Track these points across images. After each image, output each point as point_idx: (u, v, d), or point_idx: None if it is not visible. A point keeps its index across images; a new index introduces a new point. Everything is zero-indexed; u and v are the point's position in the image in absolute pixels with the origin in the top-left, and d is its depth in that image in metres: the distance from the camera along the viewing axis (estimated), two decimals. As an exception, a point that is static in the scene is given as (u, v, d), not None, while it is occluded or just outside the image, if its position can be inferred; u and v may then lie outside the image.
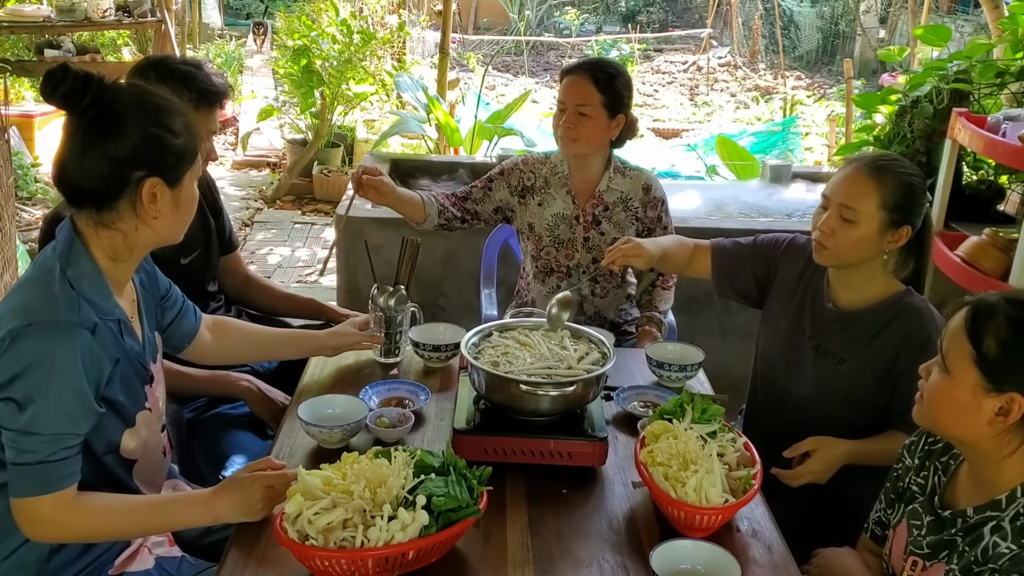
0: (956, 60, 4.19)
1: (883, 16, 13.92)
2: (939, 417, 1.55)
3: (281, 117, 7.46)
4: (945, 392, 1.51)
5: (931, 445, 1.71)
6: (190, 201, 1.72)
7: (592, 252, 2.85)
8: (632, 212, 2.85)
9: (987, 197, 4.17)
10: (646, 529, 1.74)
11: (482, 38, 14.83)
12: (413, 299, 2.39)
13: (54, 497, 1.54)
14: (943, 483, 1.64)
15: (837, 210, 2.07)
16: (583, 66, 2.77)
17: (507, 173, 2.90)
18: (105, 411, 1.62)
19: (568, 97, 2.72)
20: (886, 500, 1.79)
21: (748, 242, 2.44)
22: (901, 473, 1.75)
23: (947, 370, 1.51)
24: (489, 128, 6.30)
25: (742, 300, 2.46)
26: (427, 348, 2.33)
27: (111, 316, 1.65)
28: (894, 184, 2.06)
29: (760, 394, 2.37)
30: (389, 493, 1.54)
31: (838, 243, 2.08)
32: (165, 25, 7.30)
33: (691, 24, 16.80)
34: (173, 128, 1.63)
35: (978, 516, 1.51)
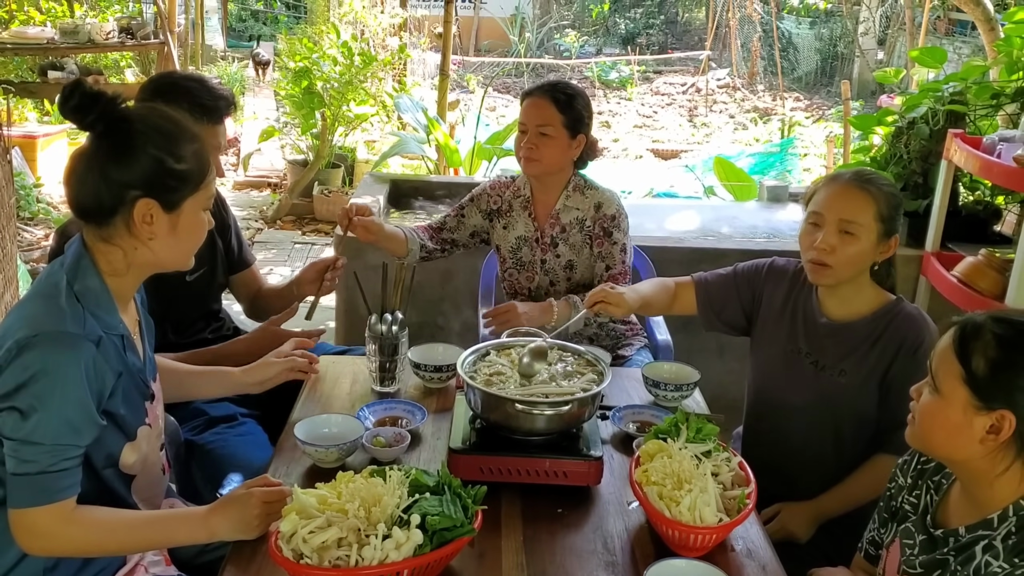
0: (952, 82, 4.22)
1: (881, 38, 14.00)
2: (931, 437, 1.56)
3: (282, 138, 7.50)
4: (936, 412, 1.52)
5: (924, 464, 1.71)
6: (192, 228, 1.71)
7: (548, 275, 2.86)
8: (586, 232, 2.84)
9: (983, 218, 4.19)
10: (641, 549, 1.74)
11: (482, 60, 14.93)
12: (411, 319, 2.40)
13: (52, 508, 1.55)
14: (935, 502, 1.64)
15: (836, 226, 2.09)
16: (543, 88, 2.79)
17: (476, 199, 2.95)
18: (106, 424, 1.63)
19: (529, 118, 2.75)
20: (879, 519, 1.80)
21: (728, 272, 2.44)
22: (894, 492, 1.75)
23: (937, 390, 1.51)
24: (488, 149, 6.33)
25: (731, 331, 2.46)
26: (428, 369, 2.33)
27: (115, 331, 1.67)
28: (883, 195, 2.10)
29: (759, 416, 2.37)
30: (384, 512, 1.54)
31: (838, 259, 2.09)
32: (168, 47, 7.36)
33: (690, 46, 16.90)
34: (177, 152, 1.64)
35: (970, 535, 1.52)
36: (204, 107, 2.32)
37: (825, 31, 14.99)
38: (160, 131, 1.65)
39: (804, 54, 15.25)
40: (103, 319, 1.64)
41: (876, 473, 2.09)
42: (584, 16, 18.46)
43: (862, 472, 2.16)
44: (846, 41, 14.32)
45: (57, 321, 1.56)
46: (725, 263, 3.05)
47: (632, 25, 18.08)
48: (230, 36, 14.33)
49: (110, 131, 1.61)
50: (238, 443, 2.37)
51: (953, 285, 3.54)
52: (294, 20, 14.93)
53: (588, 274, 2.87)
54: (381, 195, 4.76)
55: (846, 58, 14.57)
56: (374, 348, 2.29)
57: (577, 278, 2.87)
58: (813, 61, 15.21)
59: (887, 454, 2.11)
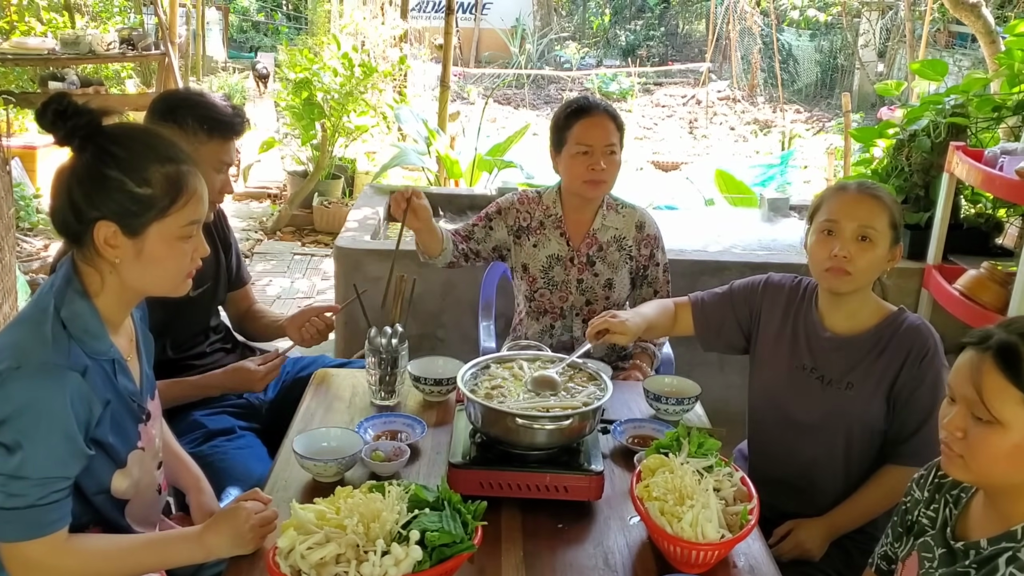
0: (953, 94, 4.22)
1: (881, 50, 14.02)
2: (993, 469, 1.48)
3: (282, 149, 7.50)
4: (998, 442, 1.44)
5: (941, 479, 1.69)
6: (162, 256, 1.63)
7: (585, 294, 2.83)
8: (626, 251, 2.84)
9: (985, 231, 4.18)
10: (642, 565, 1.72)
11: (483, 71, 14.97)
12: (411, 332, 2.38)
13: (45, 541, 1.53)
14: (955, 515, 1.63)
15: (854, 233, 2.08)
16: (599, 106, 2.73)
17: (504, 212, 2.87)
18: (94, 453, 1.61)
19: (595, 139, 2.66)
20: (893, 534, 1.78)
21: (725, 291, 2.43)
22: (910, 506, 1.73)
23: (996, 420, 1.44)
24: (489, 160, 6.33)
25: (730, 350, 2.45)
26: (428, 382, 2.32)
27: (104, 356, 1.64)
28: (891, 203, 2.12)
29: (766, 433, 2.35)
30: (383, 528, 1.53)
31: (858, 266, 2.08)
32: (169, 58, 7.37)
33: (690, 58, 16.93)
34: (143, 175, 1.58)
35: (992, 548, 1.50)
36: (215, 121, 2.29)
37: (825, 43, 15.02)
38: (129, 150, 1.59)
39: (804, 66, 15.28)
40: (90, 345, 1.60)
41: (887, 485, 2.09)
42: (585, 28, 18.53)
43: (873, 484, 2.15)
44: (846, 53, 14.35)
45: (41, 351, 1.53)
46: (726, 275, 3.04)
47: (632, 37, 18.13)
48: (231, 47, 14.36)
49: (83, 148, 1.58)
50: (237, 455, 2.36)
51: (955, 298, 3.53)
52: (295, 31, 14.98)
53: (625, 293, 2.88)
54: (381, 207, 4.75)
55: (846, 70, 14.60)
56: (374, 361, 2.28)
57: (615, 297, 2.85)
58: (813, 73, 15.23)
59: (897, 465, 2.11)
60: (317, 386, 2.43)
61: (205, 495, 1.99)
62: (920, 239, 4.04)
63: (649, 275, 2.87)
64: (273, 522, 1.67)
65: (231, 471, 2.30)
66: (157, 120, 2.27)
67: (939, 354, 2.10)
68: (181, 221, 1.62)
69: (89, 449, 1.59)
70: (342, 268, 4.00)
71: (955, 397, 1.50)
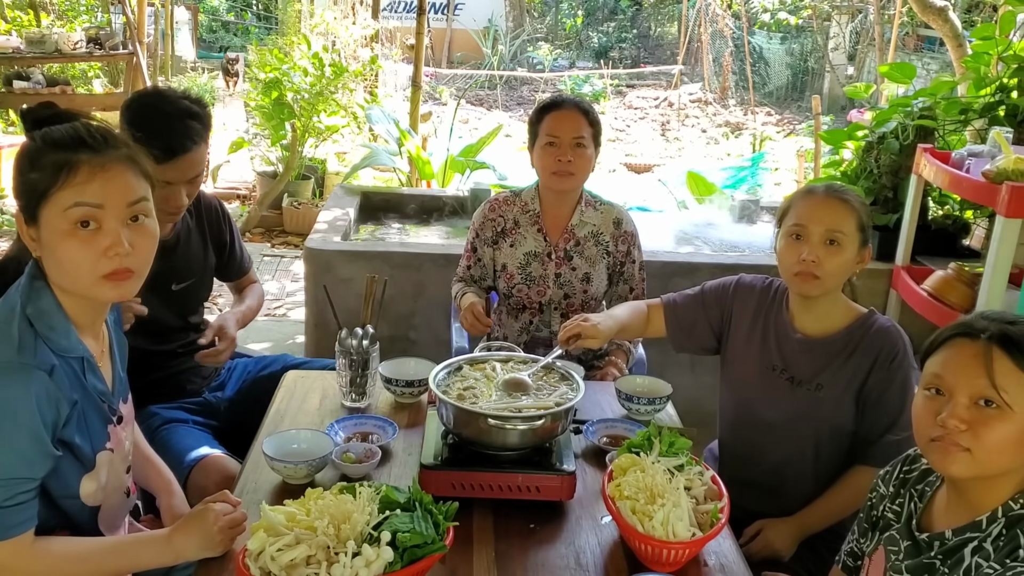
0: (921, 97, 4.26)
1: (851, 53, 14.17)
2: (1001, 458, 1.47)
3: (252, 149, 7.44)
4: (1011, 429, 1.44)
5: (907, 473, 1.71)
6: (57, 243, 1.55)
7: (564, 288, 2.85)
8: (603, 246, 2.86)
9: (953, 232, 4.23)
10: (614, 564, 1.72)
11: (455, 72, 14.94)
12: (382, 333, 2.37)
13: (9, 544, 1.50)
14: (920, 509, 1.64)
15: (822, 237, 2.09)
16: (568, 100, 2.79)
17: (480, 232, 2.91)
18: (62, 454, 1.58)
19: (563, 131, 2.71)
20: (859, 530, 1.79)
21: (696, 292, 2.44)
22: (875, 502, 1.75)
23: (1008, 406, 1.44)
24: (461, 161, 6.31)
25: (702, 351, 2.45)
26: (400, 384, 2.30)
27: (72, 354, 1.61)
28: (859, 206, 2.13)
29: (736, 434, 2.36)
30: (353, 529, 1.52)
31: (827, 270, 2.09)
32: (137, 58, 7.30)
33: (663, 60, 17.01)
34: (33, 162, 1.55)
35: (957, 538, 1.51)
36: (157, 148, 2.16)
37: (796, 46, 15.15)
38: (31, 144, 1.58)
39: (775, 69, 15.40)
40: (57, 342, 1.58)
41: (856, 486, 2.10)
42: (557, 29, 18.56)
43: (842, 485, 2.17)
44: (816, 56, 14.48)
45: (7, 350, 1.51)
46: (698, 276, 3.04)
47: (605, 39, 18.18)
48: (200, 47, 14.24)
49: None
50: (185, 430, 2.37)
51: (923, 299, 3.56)
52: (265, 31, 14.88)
53: (602, 287, 2.90)
54: (351, 207, 4.73)
55: (816, 73, 14.73)
56: (344, 363, 2.26)
57: (593, 291, 2.87)
58: (784, 76, 15.35)
59: (866, 466, 2.12)
60: (287, 388, 2.41)
61: (176, 498, 1.97)
62: (889, 240, 4.08)
63: (625, 272, 2.88)
64: (243, 524, 1.66)
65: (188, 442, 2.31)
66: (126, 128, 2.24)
67: (908, 356, 2.11)
68: (64, 202, 1.53)
69: (56, 450, 1.56)
70: (312, 269, 3.98)
71: (949, 390, 1.48)
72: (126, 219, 1.58)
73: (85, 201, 1.53)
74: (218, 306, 5.22)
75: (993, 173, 3.18)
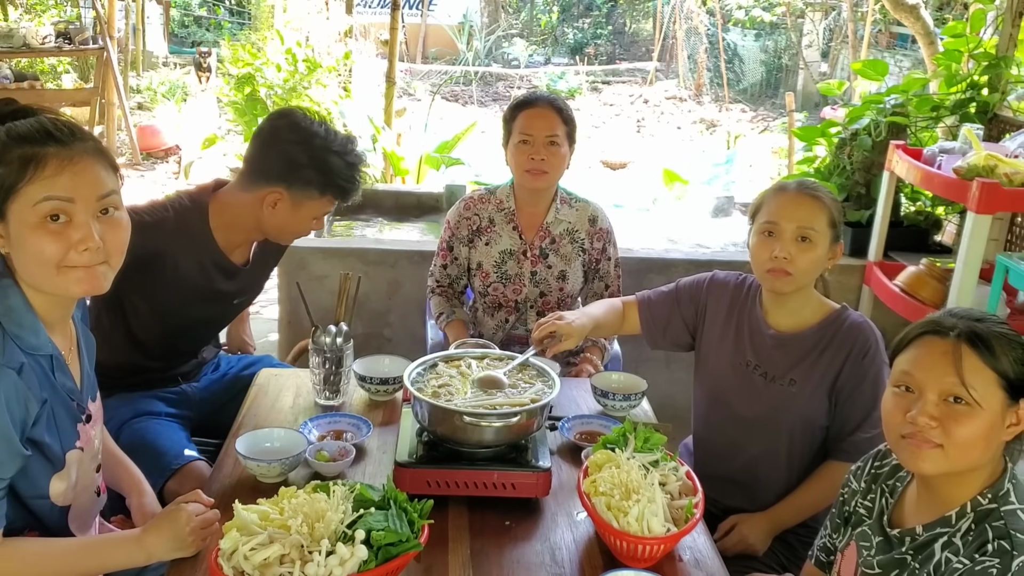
0: (893, 94, 4.30)
1: (825, 51, 14.26)
2: (971, 453, 1.49)
3: (225, 145, 7.38)
4: (982, 425, 1.47)
5: (877, 469, 1.72)
6: (23, 238, 1.52)
7: (539, 286, 2.84)
8: (579, 244, 2.86)
9: (924, 228, 4.27)
10: (589, 560, 1.72)
11: (430, 68, 14.90)
12: (357, 331, 2.36)
13: None
14: (891, 505, 1.65)
15: (793, 234, 2.10)
16: (542, 98, 2.77)
17: (455, 231, 2.89)
18: (31, 453, 1.56)
19: (536, 129, 2.69)
20: (832, 525, 1.80)
21: (671, 289, 2.45)
22: (847, 497, 1.76)
23: (977, 403, 1.46)
24: (436, 158, 6.30)
25: (676, 348, 2.47)
26: (374, 382, 2.29)
27: (41, 351, 1.59)
28: (830, 202, 2.13)
29: (710, 429, 2.37)
30: (327, 528, 1.51)
31: (799, 267, 2.10)
32: (107, 53, 7.22)
33: (638, 57, 17.04)
34: (3, 156, 1.51)
35: (927, 534, 1.53)
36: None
37: (770, 43, 15.22)
38: (8, 134, 1.53)
39: (749, 66, 15.46)
40: (26, 340, 1.56)
41: (828, 481, 2.12)
42: (533, 25, 18.55)
43: (815, 480, 2.18)
44: (790, 53, 14.55)
45: None
46: (673, 273, 3.06)
47: (580, 35, 18.18)
48: (172, 42, 14.10)
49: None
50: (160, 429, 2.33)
51: (895, 294, 3.59)
52: (238, 26, 14.77)
53: (578, 285, 2.89)
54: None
55: (790, 70, 14.80)
56: (318, 361, 2.25)
57: (569, 288, 2.87)
58: (758, 73, 15.42)
59: (838, 461, 2.13)
60: (260, 386, 2.39)
61: (146, 497, 1.94)
62: (861, 236, 4.11)
63: (601, 269, 2.88)
64: (215, 524, 1.64)
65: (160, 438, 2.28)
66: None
67: (880, 351, 2.13)
68: (33, 197, 1.50)
69: (26, 449, 1.54)
70: (285, 267, 3.95)
71: (919, 387, 1.50)
72: (96, 212, 1.55)
73: (55, 195, 1.51)
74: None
75: (964, 169, 3.21)
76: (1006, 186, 3.10)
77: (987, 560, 1.41)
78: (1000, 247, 3.97)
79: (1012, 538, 1.41)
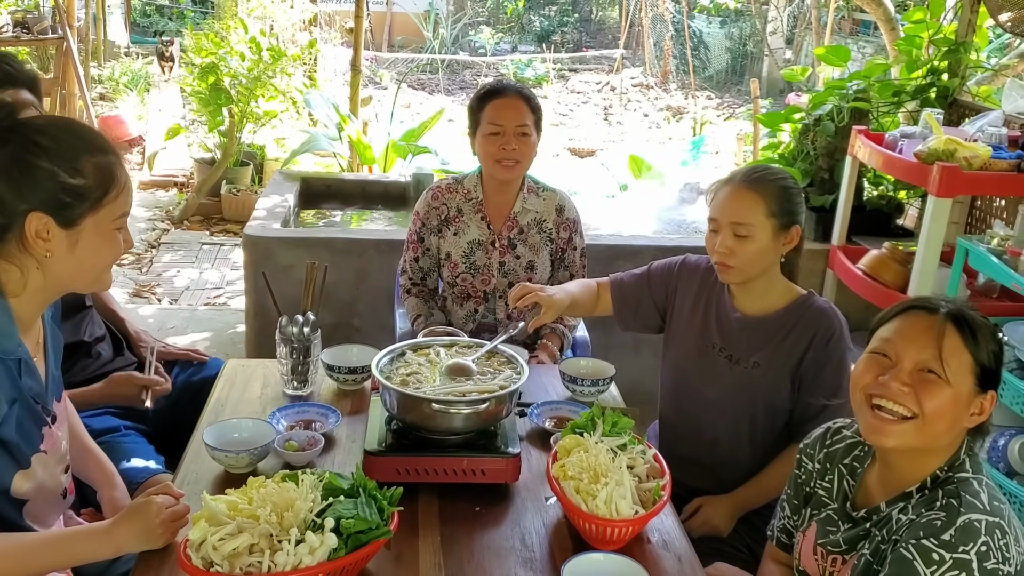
0: (856, 80, 4.34)
1: (789, 37, 14.33)
2: (940, 425, 1.53)
3: (189, 135, 7.31)
4: (950, 402, 1.52)
5: (830, 447, 1.75)
6: (96, 247, 1.61)
7: (508, 277, 2.84)
8: (546, 233, 2.86)
9: (887, 212, 4.32)
10: (558, 544, 1.74)
11: (396, 56, 14.81)
12: (325, 321, 2.35)
13: None
14: (853, 488, 1.68)
15: (730, 229, 2.13)
16: (511, 87, 2.76)
17: (425, 220, 2.87)
18: None
19: (506, 119, 2.67)
20: (790, 507, 1.83)
21: (643, 272, 2.47)
22: (804, 479, 1.79)
23: (947, 380, 1.51)
24: (403, 146, 6.27)
25: (646, 330, 2.49)
26: (342, 371, 2.29)
27: (11, 355, 1.58)
28: (773, 191, 2.14)
29: (676, 410, 2.40)
30: (297, 517, 1.51)
31: (739, 260, 2.13)
32: (67, 43, 7.11)
33: (604, 44, 17.03)
34: (75, 165, 1.55)
35: (890, 508, 1.57)
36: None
37: (735, 30, 15.28)
38: (57, 140, 1.56)
39: (715, 53, 15.52)
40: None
41: (791, 464, 2.14)
42: (499, 13, 18.47)
43: (777, 463, 2.21)
44: (755, 40, 14.63)
45: None
46: (640, 259, 3.05)
47: (547, 23, 18.15)
48: (134, 32, 13.89)
49: (5, 140, 1.53)
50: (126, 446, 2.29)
51: (858, 278, 3.63)
52: (201, 15, 14.58)
53: (546, 274, 2.89)
54: (291, 194, 4.67)
55: (755, 57, 14.88)
56: (285, 350, 2.24)
57: (537, 278, 2.86)
58: (723, 60, 15.48)
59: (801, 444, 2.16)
60: (227, 376, 2.38)
61: (117, 490, 1.94)
62: (825, 221, 4.15)
63: (567, 259, 2.89)
64: (184, 516, 1.63)
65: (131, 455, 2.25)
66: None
67: (844, 337, 2.16)
68: (115, 213, 1.61)
69: None
70: (252, 257, 3.93)
71: (897, 355, 1.54)
72: None
73: (127, 210, 1.66)
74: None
75: (925, 154, 3.25)
76: (966, 170, 3.15)
77: (932, 514, 1.46)
78: (960, 230, 4.03)
79: (961, 498, 1.46)
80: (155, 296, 5.40)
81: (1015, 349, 2.79)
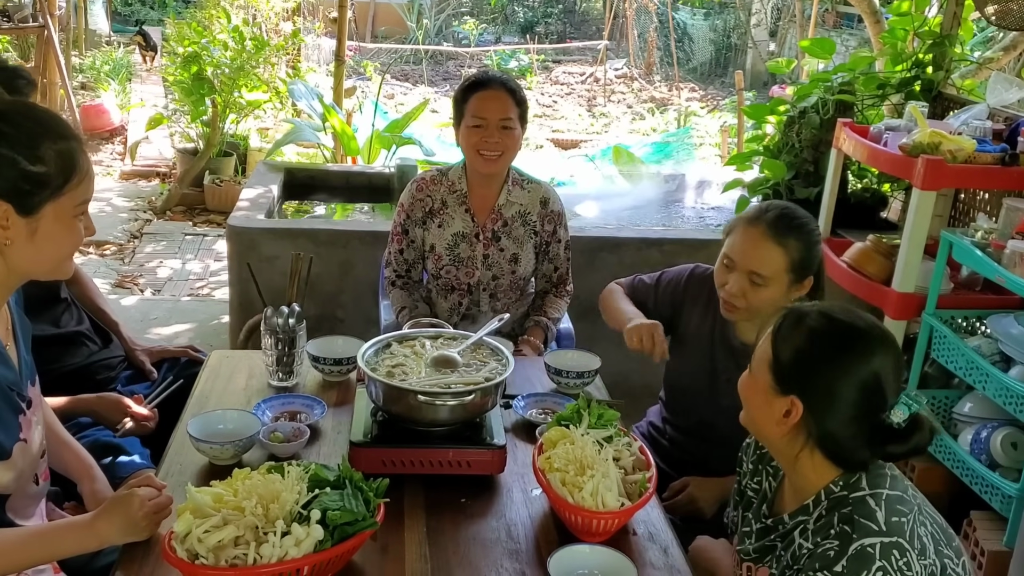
0: (840, 72, 4.34)
1: (773, 30, 14.36)
2: (746, 411, 1.62)
3: (171, 126, 7.25)
4: (745, 388, 1.59)
5: (762, 448, 1.74)
6: (56, 235, 1.59)
7: (492, 269, 2.83)
8: (531, 226, 2.84)
9: (871, 205, 4.33)
10: (544, 535, 1.74)
11: (380, 46, 14.74)
12: (309, 312, 2.34)
13: None
14: (774, 489, 1.69)
15: (746, 276, 2.11)
16: (496, 79, 2.72)
17: (410, 212, 2.84)
18: None
19: (489, 112, 2.65)
20: (732, 503, 1.83)
21: (653, 281, 2.47)
22: (741, 476, 1.80)
23: (750, 369, 1.58)
24: (387, 137, 6.24)
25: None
26: (327, 362, 2.28)
27: None
28: (797, 247, 2.10)
29: (677, 418, 2.42)
30: (282, 509, 1.50)
31: (749, 303, 2.12)
32: (48, 31, 7.05)
33: (588, 36, 17.01)
34: (35, 153, 1.52)
35: (792, 521, 1.57)
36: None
37: (719, 22, 15.29)
38: (17, 127, 1.53)
39: (699, 45, 15.54)
40: None
41: None
42: (482, 4, 18.39)
43: None
44: (739, 32, 14.65)
45: None
46: (623, 252, 3.07)
47: (530, 14, 18.11)
48: (115, 20, 13.79)
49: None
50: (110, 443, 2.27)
51: (843, 270, 3.64)
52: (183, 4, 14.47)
53: (531, 267, 2.88)
54: (275, 184, 4.65)
55: (739, 49, 14.90)
56: (270, 342, 2.23)
57: (521, 271, 2.86)
58: (708, 52, 15.50)
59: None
60: (212, 368, 2.36)
61: (98, 483, 1.92)
62: (810, 214, 4.15)
63: (551, 251, 2.88)
64: (168, 508, 1.62)
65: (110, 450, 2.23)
66: None
67: None
68: (76, 200, 1.59)
69: None
70: (235, 248, 3.90)
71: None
72: None
73: (89, 198, 1.64)
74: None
75: (909, 147, 3.26)
76: (950, 163, 3.16)
77: (827, 543, 1.44)
78: (944, 223, 4.04)
79: (855, 523, 1.43)
80: (138, 287, 5.37)
81: (998, 342, 2.81)
